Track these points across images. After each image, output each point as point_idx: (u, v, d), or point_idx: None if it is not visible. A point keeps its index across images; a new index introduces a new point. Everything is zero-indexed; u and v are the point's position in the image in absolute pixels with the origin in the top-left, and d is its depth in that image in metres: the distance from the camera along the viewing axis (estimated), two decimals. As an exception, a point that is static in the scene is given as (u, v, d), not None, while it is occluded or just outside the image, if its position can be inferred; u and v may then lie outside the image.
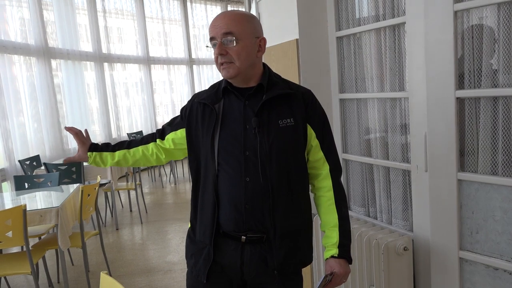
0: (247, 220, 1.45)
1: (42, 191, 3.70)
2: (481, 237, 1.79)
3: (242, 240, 1.47)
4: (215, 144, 1.46)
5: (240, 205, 1.44)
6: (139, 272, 3.78)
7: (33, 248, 3.13)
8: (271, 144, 1.44)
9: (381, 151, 2.27)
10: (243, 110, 1.48)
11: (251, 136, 1.45)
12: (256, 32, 1.47)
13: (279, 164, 1.45)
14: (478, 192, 1.77)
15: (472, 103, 1.77)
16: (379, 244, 1.99)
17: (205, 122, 1.50)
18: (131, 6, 8.92)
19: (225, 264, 1.50)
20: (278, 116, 1.47)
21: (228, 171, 1.45)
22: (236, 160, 1.45)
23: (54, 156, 6.14)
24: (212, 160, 1.47)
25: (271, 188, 1.44)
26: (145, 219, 5.43)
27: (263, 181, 1.43)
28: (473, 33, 1.74)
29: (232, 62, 1.42)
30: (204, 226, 1.51)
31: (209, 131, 1.48)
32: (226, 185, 1.46)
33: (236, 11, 1.50)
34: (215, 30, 1.42)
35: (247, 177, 1.44)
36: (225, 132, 1.47)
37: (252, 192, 1.44)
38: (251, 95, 1.49)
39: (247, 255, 1.48)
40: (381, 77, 2.23)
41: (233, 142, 1.46)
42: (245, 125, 1.46)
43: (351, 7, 2.35)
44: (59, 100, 6.53)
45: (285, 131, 1.46)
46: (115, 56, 8.23)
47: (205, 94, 1.57)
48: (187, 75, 10.32)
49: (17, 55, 5.68)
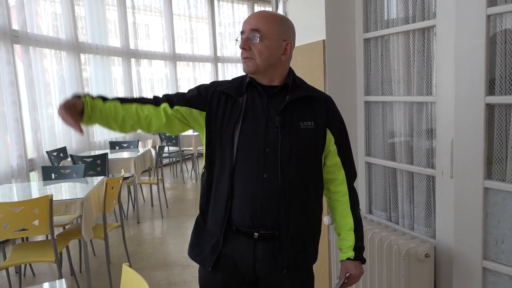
0: (261, 216, 1.47)
1: (68, 182, 3.80)
2: (507, 248, 1.75)
3: (254, 237, 1.48)
4: (236, 136, 1.47)
5: (256, 200, 1.46)
6: (158, 265, 3.84)
7: (57, 237, 3.21)
8: (292, 144, 1.46)
9: (405, 155, 2.24)
10: (266, 108, 1.49)
11: (272, 134, 1.46)
12: (284, 35, 1.48)
13: (297, 164, 1.48)
14: (505, 201, 1.73)
15: (502, 110, 1.72)
16: (400, 250, 1.97)
17: (227, 113, 1.50)
18: (160, 3, 9.04)
19: (237, 260, 1.51)
20: (300, 118, 1.49)
21: (246, 165, 1.46)
22: (255, 156, 1.46)
23: (80, 149, 6.29)
24: (230, 152, 1.47)
25: (288, 187, 1.46)
26: (166, 214, 5.50)
27: (281, 180, 1.45)
28: (506, 37, 1.69)
29: (252, 58, 1.45)
30: (216, 216, 1.52)
31: (231, 122, 1.48)
32: (243, 179, 1.46)
33: (271, 12, 1.54)
34: (246, 25, 1.46)
35: (264, 174, 1.46)
36: (247, 126, 1.48)
37: (268, 189, 1.46)
38: (275, 94, 1.51)
39: (260, 252, 1.50)
40: (408, 80, 2.19)
41: (254, 137, 1.47)
42: (267, 122, 1.48)
43: (380, 8, 2.32)
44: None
45: (305, 133, 1.49)
46: (142, 52, 8.35)
47: (228, 84, 1.55)
48: (211, 72, 10.39)
49: (48, 49, 5.84)
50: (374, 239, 2.12)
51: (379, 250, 2.09)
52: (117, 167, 5.02)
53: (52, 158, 5.17)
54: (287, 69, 1.55)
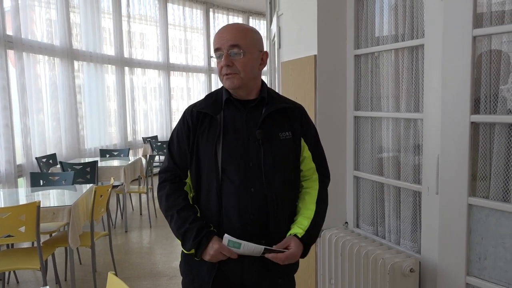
0: (252, 229, 1.48)
1: (56, 189, 3.77)
2: (489, 264, 1.77)
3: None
4: (218, 154, 1.48)
5: (245, 214, 1.47)
6: (145, 275, 3.80)
7: (43, 245, 3.18)
8: (274, 156, 1.49)
9: (393, 170, 2.27)
10: (245, 122, 1.51)
11: (254, 148, 1.49)
12: (260, 45, 1.52)
13: (282, 175, 1.51)
14: (489, 218, 1.76)
15: (486, 128, 1.76)
16: (386, 264, 1.98)
17: (206, 132, 1.51)
18: (155, 12, 9.09)
19: (227, 272, 1.52)
20: (279, 129, 1.53)
21: (233, 182, 1.47)
22: (241, 171, 1.47)
23: (71, 155, 6.25)
24: (216, 170, 1.48)
25: (275, 198, 1.48)
26: (154, 224, 5.47)
27: (267, 191, 1.47)
28: (491, 58, 1.74)
29: (236, 73, 1.46)
30: None
31: (212, 141, 1.49)
32: (231, 195, 1.47)
33: (241, 24, 1.54)
34: (222, 42, 1.46)
35: (252, 188, 1.47)
36: (228, 142, 1.49)
37: (257, 202, 1.47)
38: (253, 107, 1.53)
39: (248, 262, 1.50)
40: (396, 97, 2.24)
41: (237, 153, 1.48)
42: (248, 136, 1.50)
43: (370, 26, 2.37)
44: (78, 101, 6.66)
45: (285, 143, 1.53)
46: (136, 61, 8.37)
47: (203, 104, 1.56)
48: (205, 83, 10.43)
49: (42, 55, 5.83)
50: (360, 253, 2.14)
51: (365, 264, 2.11)
52: (107, 175, 5.00)
53: (41, 164, 5.13)
54: (260, 81, 1.58)
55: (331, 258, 2.35)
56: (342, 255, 2.26)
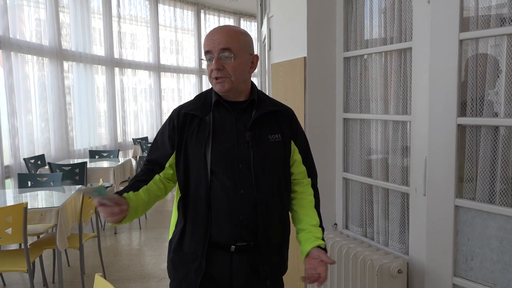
0: (240, 231, 1.48)
1: (44, 190, 3.73)
2: (476, 265, 1.79)
3: (231, 250, 1.49)
4: (208, 156, 1.46)
5: (234, 217, 1.47)
6: (134, 277, 3.78)
7: (31, 247, 3.15)
8: (264, 157, 1.49)
9: (381, 172, 2.28)
10: (235, 124, 1.51)
11: (243, 150, 1.48)
12: (250, 49, 1.52)
13: (271, 177, 1.51)
14: (475, 219, 1.78)
15: (473, 131, 1.79)
16: (374, 265, 1.99)
17: (195, 133, 1.50)
18: (146, 13, 9.05)
19: (214, 274, 1.51)
20: (268, 132, 1.53)
21: (222, 184, 1.47)
22: (230, 173, 1.47)
23: (59, 157, 6.19)
24: (204, 172, 1.46)
25: (265, 199, 1.48)
26: (144, 225, 5.44)
27: (256, 193, 1.47)
28: (477, 62, 1.77)
29: (227, 77, 1.45)
30: (196, 237, 1.50)
31: (201, 142, 1.48)
32: (220, 198, 1.46)
33: (232, 27, 1.52)
34: (212, 44, 1.45)
35: (241, 189, 1.46)
36: (217, 144, 1.48)
37: (247, 204, 1.47)
38: (243, 110, 1.53)
39: (236, 264, 1.50)
40: (385, 99, 2.26)
41: (226, 154, 1.48)
42: (238, 138, 1.49)
43: (359, 29, 2.39)
44: (68, 102, 6.59)
45: (275, 146, 1.53)
46: (126, 61, 8.32)
47: (192, 105, 1.54)
48: (196, 84, 10.40)
49: (31, 55, 5.78)
50: (349, 254, 2.15)
51: (354, 265, 2.12)
52: (96, 176, 4.96)
53: (29, 165, 5.08)
54: (250, 83, 1.58)
55: (320, 260, 2.35)
56: (331, 256, 2.26)
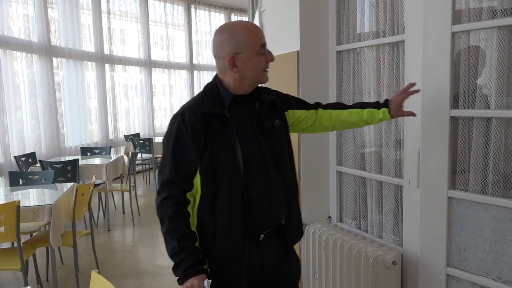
0: (275, 217, 1.57)
1: (36, 188, 3.70)
2: (469, 255, 1.82)
3: (260, 239, 1.55)
4: (237, 151, 1.47)
5: (269, 205, 1.53)
6: (128, 274, 3.77)
7: (24, 245, 3.12)
8: (280, 143, 1.58)
9: (375, 165, 2.30)
10: (249, 117, 1.56)
11: (263, 140, 1.54)
12: None
13: (289, 160, 1.63)
14: (468, 210, 1.80)
15: (465, 123, 1.80)
16: (369, 257, 2.01)
17: (219, 132, 1.47)
18: (136, 9, 8.97)
19: (250, 265, 1.55)
20: (273, 119, 1.60)
21: (255, 175, 1.51)
22: (260, 164, 1.52)
23: (50, 154, 6.13)
24: (237, 167, 1.47)
25: (288, 184, 1.59)
26: (137, 222, 5.42)
27: (282, 179, 1.56)
28: (469, 54, 1.78)
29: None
30: (233, 235, 1.48)
31: (229, 140, 1.47)
32: (255, 189, 1.50)
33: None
34: (264, 39, 1.53)
35: (272, 177, 1.53)
36: (242, 139, 1.50)
37: (276, 190, 1.54)
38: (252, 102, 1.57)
39: (266, 249, 1.58)
40: (378, 92, 2.27)
41: (251, 147, 1.52)
42: (255, 130, 1.55)
43: (352, 22, 2.39)
44: (58, 98, 6.53)
45: (281, 131, 1.61)
46: (117, 57, 8.25)
47: (207, 104, 1.50)
48: (187, 80, 10.35)
49: (19, 52, 5.70)
50: (343, 247, 2.17)
51: (349, 258, 2.13)
52: (88, 173, 4.92)
53: (20, 163, 5.03)
54: None
55: (315, 253, 2.37)
56: (326, 249, 2.28)
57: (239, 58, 1.47)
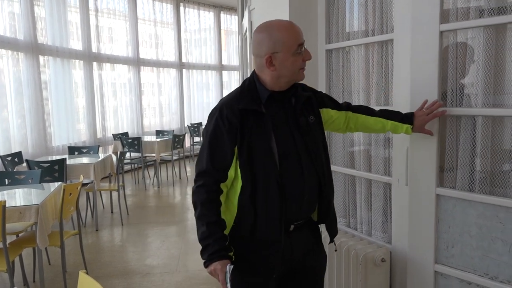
0: (307, 210, 1.61)
1: (23, 188, 3.65)
2: (456, 252, 1.84)
3: (290, 229, 1.57)
4: (273, 145, 1.51)
5: (302, 198, 1.56)
6: (117, 274, 3.74)
7: (10, 246, 3.07)
8: (315, 139, 1.60)
9: (364, 163, 2.31)
10: (285, 112, 1.58)
11: (298, 136, 1.57)
12: None
13: (324, 156, 1.64)
14: (455, 207, 1.82)
15: (453, 121, 1.82)
16: (358, 255, 2.02)
17: (255, 127, 1.52)
18: (124, 6, 8.89)
19: (291, 254, 1.59)
20: (308, 115, 1.62)
21: (289, 169, 1.53)
22: (294, 159, 1.55)
23: (37, 153, 6.05)
24: (273, 161, 1.51)
25: (323, 178, 1.60)
26: (126, 221, 5.38)
27: (316, 175, 1.58)
28: (457, 53, 1.80)
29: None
30: (271, 222, 1.53)
31: (265, 135, 1.52)
32: (290, 184, 1.53)
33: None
34: (302, 38, 1.53)
35: (305, 172, 1.55)
36: (278, 133, 1.54)
37: (309, 184, 1.57)
38: (288, 99, 1.60)
39: (296, 241, 1.60)
40: (367, 91, 2.28)
41: (287, 142, 1.55)
42: (290, 125, 1.57)
43: (341, 21, 2.40)
44: (45, 97, 6.45)
45: (315, 127, 1.63)
46: (105, 56, 8.17)
47: (245, 100, 1.55)
48: (176, 78, 10.30)
49: (5, 50, 5.62)
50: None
51: (338, 255, 2.14)
52: (76, 173, 4.87)
53: (6, 162, 4.95)
54: None
55: (305, 251, 2.37)
56: (316, 247, 2.28)
57: (276, 58, 1.50)
